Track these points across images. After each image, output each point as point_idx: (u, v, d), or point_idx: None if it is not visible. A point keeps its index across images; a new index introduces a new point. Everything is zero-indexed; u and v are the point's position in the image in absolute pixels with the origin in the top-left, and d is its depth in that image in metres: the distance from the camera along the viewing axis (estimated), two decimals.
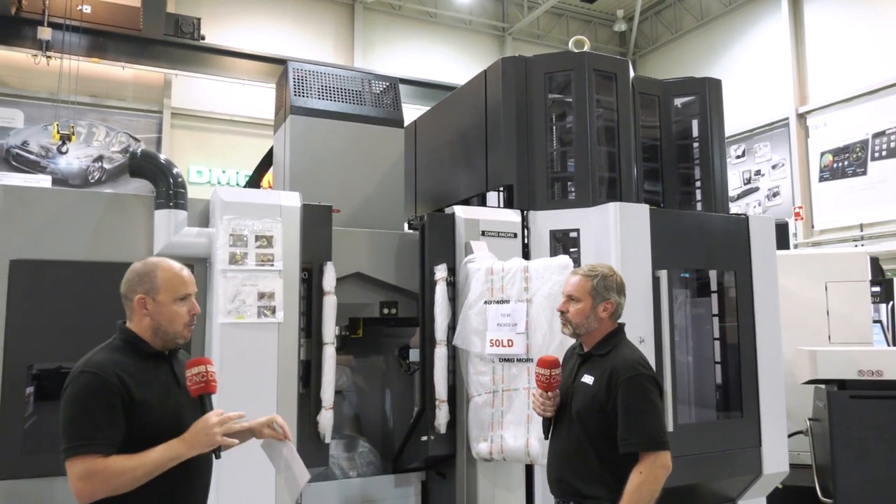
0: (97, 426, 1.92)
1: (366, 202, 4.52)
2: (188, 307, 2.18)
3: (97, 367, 1.99)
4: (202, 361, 2.14)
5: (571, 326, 2.63)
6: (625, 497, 2.40)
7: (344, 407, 4.87)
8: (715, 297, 4.85)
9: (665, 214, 4.36)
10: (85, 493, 1.90)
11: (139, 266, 2.19)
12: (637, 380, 2.47)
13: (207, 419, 2.05)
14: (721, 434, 4.41)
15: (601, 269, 2.67)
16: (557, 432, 2.64)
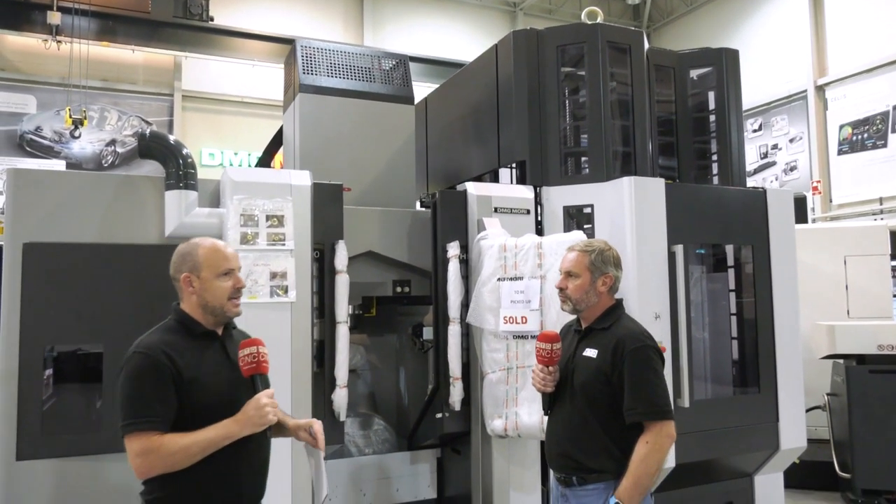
0: (148, 404, 1.98)
1: (377, 180, 4.48)
2: (233, 282, 2.20)
3: (147, 347, 2.05)
4: (255, 342, 2.17)
5: (571, 302, 2.63)
6: (632, 466, 2.42)
7: (358, 385, 4.89)
8: (731, 273, 4.79)
9: (681, 188, 4.29)
10: (143, 468, 1.97)
11: (182, 246, 2.23)
12: (643, 351, 2.49)
13: (259, 399, 2.08)
14: (738, 410, 4.37)
15: (597, 244, 2.68)
16: (558, 408, 2.64)
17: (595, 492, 2.49)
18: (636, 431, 2.46)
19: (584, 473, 2.51)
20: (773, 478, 4.60)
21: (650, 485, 2.46)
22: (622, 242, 4.04)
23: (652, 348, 2.52)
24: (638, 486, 2.41)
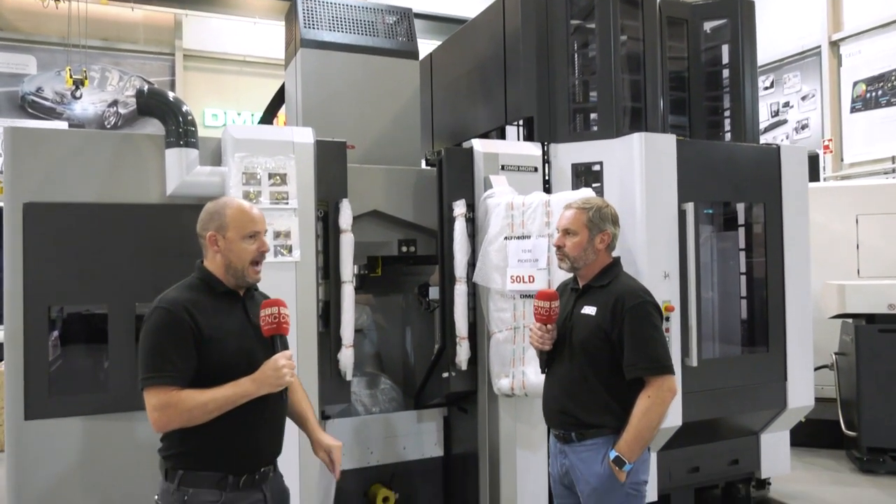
0: (168, 359, 1.98)
1: (381, 138, 4.39)
2: (257, 245, 2.18)
3: (169, 303, 2.05)
4: (277, 303, 2.15)
5: (569, 260, 2.61)
6: (632, 420, 2.43)
7: (365, 345, 4.88)
8: (741, 232, 4.72)
9: (692, 145, 4.19)
10: (160, 422, 1.98)
11: (211, 204, 2.22)
12: (642, 307, 2.49)
13: (276, 360, 2.07)
14: (746, 369, 4.35)
15: (595, 201, 2.66)
16: (556, 366, 2.64)
17: (594, 447, 2.50)
18: (636, 387, 2.47)
19: (583, 429, 2.52)
20: (780, 436, 4.61)
21: (650, 438, 2.47)
22: (631, 200, 3.97)
23: (651, 304, 2.52)
24: (639, 439, 2.43)
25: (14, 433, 3.27)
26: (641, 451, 2.46)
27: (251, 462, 2.10)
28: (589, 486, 2.49)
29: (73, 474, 3.29)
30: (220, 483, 2.03)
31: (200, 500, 2.02)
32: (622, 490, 2.45)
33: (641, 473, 2.53)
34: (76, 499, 3.30)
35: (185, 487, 2.01)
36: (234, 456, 2.06)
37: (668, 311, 3.94)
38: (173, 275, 3.46)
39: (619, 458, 2.43)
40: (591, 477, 2.48)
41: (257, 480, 2.10)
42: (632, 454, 2.43)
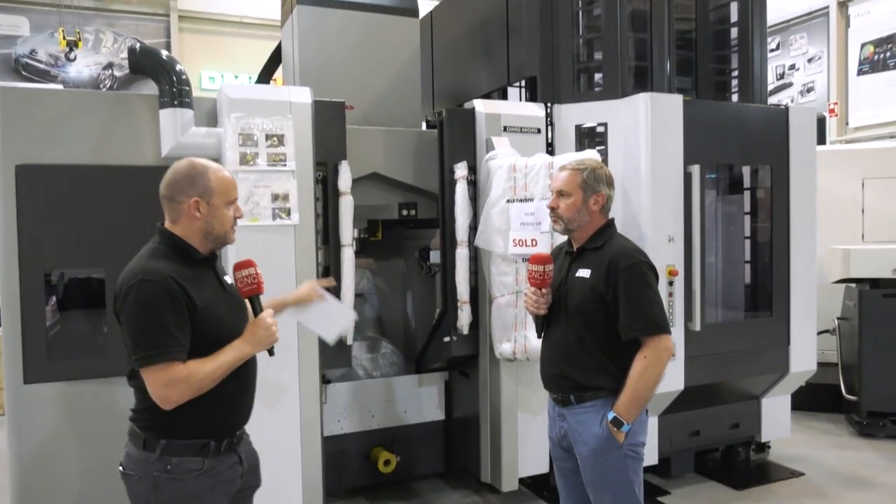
0: (170, 333, 1.91)
1: (381, 99, 4.30)
2: (233, 210, 2.14)
3: (158, 275, 1.94)
4: (250, 263, 2.12)
5: (563, 222, 2.57)
6: (630, 381, 2.40)
7: (365, 309, 4.86)
8: (747, 195, 4.65)
9: (699, 105, 4.09)
10: (171, 398, 1.92)
11: (186, 167, 2.08)
12: (636, 267, 2.45)
13: (265, 319, 2.08)
14: (748, 333, 4.33)
15: (589, 162, 2.61)
16: (552, 330, 2.61)
17: (593, 408, 2.48)
18: (633, 348, 2.44)
19: (581, 392, 2.50)
20: (781, 400, 4.61)
21: (648, 399, 2.45)
22: (636, 162, 3.90)
23: (645, 264, 2.48)
24: (636, 399, 2.40)
25: (14, 397, 3.26)
26: (639, 411, 2.45)
27: (231, 427, 2.10)
28: (587, 448, 2.47)
29: (73, 437, 3.29)
30: (203, 450, 2.01)
31: (185, 468, 1.99)
32: (620, 451, 2.44)
33: (639, 435, 2.51)
34: (76, 461, 3.31)
35: (167, 457, 1.98)
36: (217, 422, 2.05)
37: (673, 276, 3.90)
38: None
39: (617, 418, 2.41)
40: (589, 438, 2.47)
41: (234, 444, 2.11)
42: (629, 415, 2.41)
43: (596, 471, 2.47)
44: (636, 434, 2.49)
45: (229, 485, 2.08)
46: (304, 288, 2.58)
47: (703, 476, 4.47)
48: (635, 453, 2.50)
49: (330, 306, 2.62)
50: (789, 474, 4.51)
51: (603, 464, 2.46)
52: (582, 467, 2.53)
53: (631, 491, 2.48)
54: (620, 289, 2.42)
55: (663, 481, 4.34)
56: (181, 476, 1.98)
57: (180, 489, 1.98)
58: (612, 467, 2.45)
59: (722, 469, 4.58)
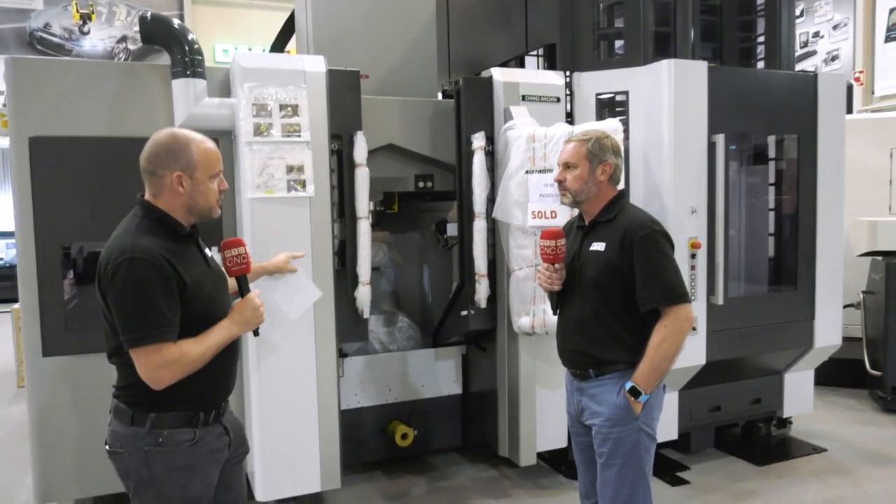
0: (162, 314, 1.86)
1: (396, 68, 4.20)
2: (218, 183, 2.08)
3: (146, 252, 1.87)
4: (238, 242, 2.10)
5: (571, 195, 2.51)
6: (649, 351, 2.35)
7: (382, 283, 4.82)
8: (772, 166, 4.53)
9: (724, 73, 3.96)
10: (164, 379, 1.89)
11: (167, 140, 2.01)
12: (651, 237, 2.38)
13: (253, 300, 2.09)
14: (772, 307, 4.24)
15: (594, 132, 2.54)
16: (568, 306, 2.55)
17: (612, 381, 2.43)
18: (651, 320, 2.38)
19: (600, 366, 2.45)
20: (804, 375, 4.53)
21: (667, 369, 2.39)
22: (658, 132, 3.79)
23: (660, 233, 2.41)
24: (655, 370, 2.35)
25: (32, 370, 3.27)
26: (658, 381, 2.40)
27: (218, 398, 2.09)
28: (601, 417, 2.43)
29: (92, 410, 3.29)
30: (193, 421, 2.00)
31: (176, 440, 1.96)
32: (635, 424, 2.39)
33: (656, 409, 2.47)
34: (96, 433, 3.31)
35: (157, 430, 1.94)
36: (206, 394, 2.03)
37: (695, 249, 3.81)
38: None
39: (635, 388, 2.36)
40: (605, 407, 2.42)
41: (220, 414, 2.10)
42: (648, 385, 2.36)
43: (608, 442, 2.42)
44: (653, 408, 2.45)
45: (218, 454, 2.08)
46: (281, 258, 2.74)
47: (723, 452, 4.42)
48: (650, 429, 2.44)
49: (300, 281, 2.72)
50: (811, 450, 4.44)
51: (616, 435, 2.41)
52: (594, 439, 2.49)
53: (640, 469, 2.42)
54: (636, 260, 2.36)
55: (683, 456, 4.30)
56: (173, 448, 1.96)
57: (173, 461, 1.96)
58: (625, 440, 2.40)
59: (742, 445, 4.52)
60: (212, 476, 2.06)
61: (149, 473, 1.94)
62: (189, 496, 1.98)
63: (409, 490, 3.96)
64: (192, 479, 1.99)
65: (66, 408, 3.30)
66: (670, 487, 3.92)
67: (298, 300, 2.81)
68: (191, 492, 1.98)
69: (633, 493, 2.40)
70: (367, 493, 3.92)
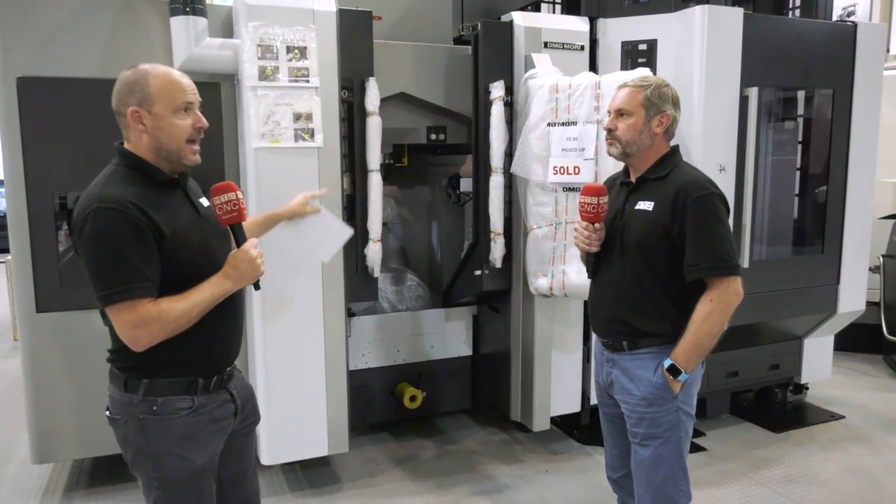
0: (134, 267, 1.66)
1: (409, 10, 3.95)
2: (192, 119, 1.81)
3: (114, 201, 1.67)
4: (230, 187, 1.83)
5: (621, 145, 2.26)
6: (691, 326, 2.14)
7: (389, 239, 4.65)
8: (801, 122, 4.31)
9: (760, 21, 3.70)
10: (142, 340, 1.70)
11: (127, 72, 1.80)
12: (708, 198, 2.15)
13: (248, 251, 1.83)
14: (797, 271, 4.07)
15: (654, 79, 2.27)
16: (605, 269, 2.33)
17: (648, 356, 2.24)
18: (696, 291, 2.16)
19: (636, 338, 2.25)
20: (824, 341, 4.41)
21: (710, 347, 2.18)
22: (688, 84, 3.56)
23: (718, 195, 2.18)
24: (698, 347, 2.14)
25: (27, 326, 3.11)
26: (700, 360, 2.20)
27: (219, 363, 1.91)
28: (636, 397, 2.25)
29: (90, 369, 3.15)
30: (191, 387, 1.82)
31: (172, 408, 1.80)
32: (673, 403, 2.21)
33: (694, 386, 2.28)
34: (92, 393, 3.17)
35: (152, 397, 1.78)
36: (203, 358, 1.86)
37: None
38: None
39: (675, 366, 2.17)
40: (640, 385, 2.23)
41: (225, 381, 1.93)
42: (689, 363, 2.16)
43: (643, 422, 2.24)
44: (691, 385, 2.26)
45: (222, 422, 1.91)
46: (298, 200, 2.46)
47: (738, 417, 4.32)
48: (690, 408, 2.26)
49: (326, 220, 2.48)
50: (829, 417, 4.34)
51: (652, 415, 2.22)
52: (627, 418, 2.31)
53: (678, 450, 2.25)
54: (688, 222, 2.13)
55: (698, 422, 4.18)
56: (169, 416, 1.79)
57: (170, 430, 1.80)
58: (662, 421, 2.22)
59: (757, 411, 4.42)
60: (215, 446, 1.89)
61: (146, 443, 1.79)
62: (190, 467, 1.82)
63: (417, 453, 3.86)
64: (193, 449, 1.83)
65: (62, 366, 3.16)
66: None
67: (330, 242, 2.57)
68: (192, 463, 1.82)
69: (669, 476, 2.24)
70: (374, 455, 3.82)
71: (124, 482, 3.42)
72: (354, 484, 3.50)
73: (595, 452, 3.79)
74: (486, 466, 3.69)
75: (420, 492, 3.43)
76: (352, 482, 3.52)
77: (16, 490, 3.45)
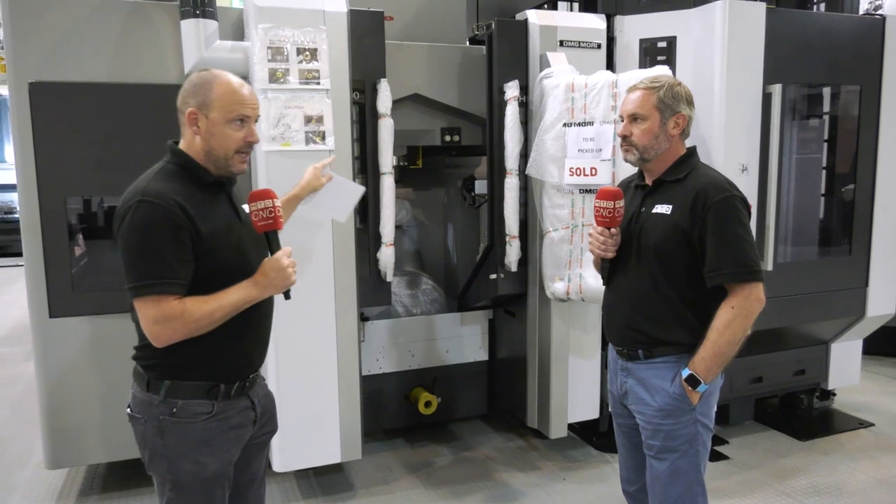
0: (167, 263, 1.68)
1: (422, 10, 3.89)
2: (245, 133, 1.82)
3: (157, 196, 1.69)
4: (267, 194, 1.81)
5: (637, 151, 2.16)
6: (711, 334, 2.05)
7: (404, 242, 4.60)
8: (826, 120, 4.19)
9: (784, 15, 3.59)
10: (162, 336, 1.71)
11: (197, 76, 1.83)
12: (729, 201, 2.05)
13: (280, 260, 1.82)
14: (823, 273, 3.95)
15: (664, 79, 2.17)
16: (620, 275, 2.24)
17: (664, 365, 2.14)
18: (715, 298, 2.07)
19: (652, 347, 2.16)
20: (852, 345, 4.27)
21: (731, 356, 2.08)
22: (708, 82, 3.47)
23: (739, 198, 2.08)
24: (718, 356, 2.05)
25: (39, 331, 3.10)
26: (720, 369, 2.10)
27: (242, 370, 1.89)
28: (651, 408, 2.15)
29: (103, 374, 3.14)
30: (212, 392, 1.81)
31: (192, 412, 1.79)
32: (691, 415, 2.11)
33: (713, 397, 2.19)
34: (107, 398, 3.17)
35: (172, 399, 1.77)
36: (226, 364, 1.84)
37: None
38: None
39: (694, 376, 2.07)
40: (657, 396, 2.14)
41: (246, 388, 1.90)
42: (709, 373, 2.06)
43: (658, 434, 2.15)
44: (710, 396, 2.16)
45: (240, 430, 1.89)
46: (309, 173, 2.60)
47: (762, 424, 4.19)
48: (708, 420, 2.16)
49: (337, 185, 2.63)
50: (857, 424, 4.20)
51: (669, 427, 2.13)
52: (643, 430, 2.22)
53: (695, 465, 2.15)
54: (709, 226, 2.04)
55: (721, 429, 4.08)
56: (188, 420, 1.78)
57: (188, 434, 1.79)
58: (679, 433, 2.12)
59: (782, 418, 4.30)
60: (231, 453, 1.88)
61: (163, 444, 1.79)
62: (204, 473, 1.80)
63: (432, 460, 3.80)
64: (209, 454, 1.81)
65: (75, 372, 3.14)
66: (708, 463, 3.70)
67: (344, 203, 2.72)
68: (206, 468, 1.80)
69: (686, 492, 2.15)
70: (387, 461, 3.77)
71: (138, 486, 3.41)
72: (368, 491, 3.45)
73: (614, 460, 3.70)
74: (501, 474, 3.61)
75: (434, 499, 3.37)
76: (365, 489, 3.47)
77: (30, 495, 3.45)
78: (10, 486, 3.54)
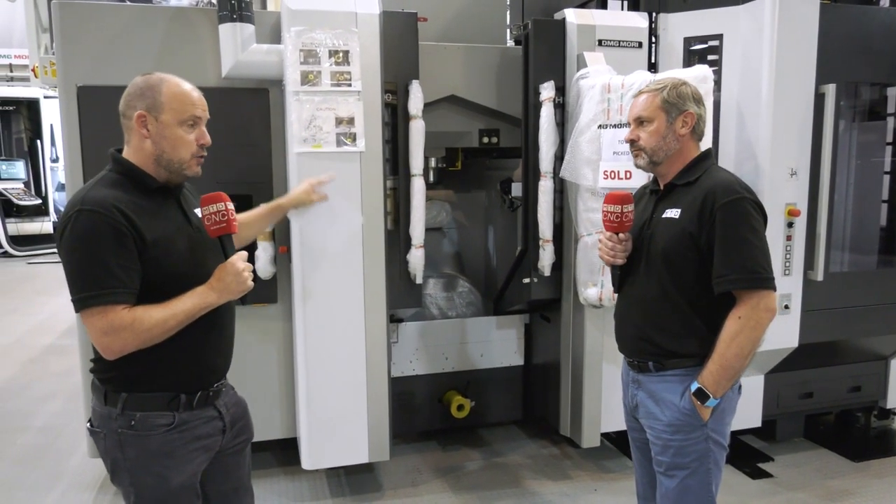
0: (111, 273, 1.62)
1: (461, 10, 3.86)
2: (196, 135, 1.80)
3: (98, 204, 1.64)
4: (220, 198, 1.78)
5: (647, 155, 2.10)
6: (719, 346, 1.95)
7: (444, 244, 4.58)
8: (890, 122, 3.93)
9: (839, 11, 3.40)
10: (113, 347, 1.66)
11: (141, 78, 1.81)
12: (739, 204, 1.95)
13: (234, 265, 1.78)
14: (881, 285, 3.72)
15: (668, 80, 2.10)
16: (631, 283, 2.16)
17: (675, 378, 2.05)
18: (728, 305, 1.97)
19: (662, 359, 2.07)
20: None
21: (741, 369, 1.97)
22: (756, 81, 3.32)
23: (751, 201, 1.97)
24: (726, 369, 1.94)
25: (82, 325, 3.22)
26: (730, 383, 1.99)
27: (204, 379, 1.85)
28: (661, 422, 2.06)
29: None
30: (172, 403, 1.76)
31: (151, 424, 1.74)
32: (703, 431, 2.02)
33: (728, 414, 2.08)
34: None
35: (130, 411, 1.73)
36: (186, 373, 1.80)
37: (793, 216, 3.36)
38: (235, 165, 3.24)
39: (703, 390, 1.98)
40: (667, 410, 2.05)
41: (210, 397, 1.86)
42: (717, 387, 1.96)
43: (668, 450, 2.06)
44: (724, 413, 2.05)
45: (207, 440, 1.84)
46: (303, 187, 2.49)
47: (813, 443, 3.98)
48: (721, 437, 2.05)
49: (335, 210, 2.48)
50: None
51: (678, 443, 2.04)
52: (652, 445, 2.13)
53: (706, 484, 2.04)
54: (717, 229, 1.94)
55: (766, 445, 3.90)
56: (147, 432, 1.74)
57: (147, 446, 1.75)
58: (690, 450, 2.03)
59: (835, 436, 4.07)
60: (197, 464, 1.83)
61: (123, 457, 1.76)
62: (167, 486, 1.76)
63: (462, 464, 3.76)
64: (171, 467, 1.77)
65: None
66: (750, 480, 3.55)
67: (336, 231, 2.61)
68: (168, 481, 1.76)
69: None
70: (418, 464, 3.76)
71: None
72: (396, 493, 3.45)
73: None
74: (531, 482, 3.55)
75: None
76: (393, 490, 3.47)
77: (75, 482, 3.60)
78: (59, 473, 3.70)
